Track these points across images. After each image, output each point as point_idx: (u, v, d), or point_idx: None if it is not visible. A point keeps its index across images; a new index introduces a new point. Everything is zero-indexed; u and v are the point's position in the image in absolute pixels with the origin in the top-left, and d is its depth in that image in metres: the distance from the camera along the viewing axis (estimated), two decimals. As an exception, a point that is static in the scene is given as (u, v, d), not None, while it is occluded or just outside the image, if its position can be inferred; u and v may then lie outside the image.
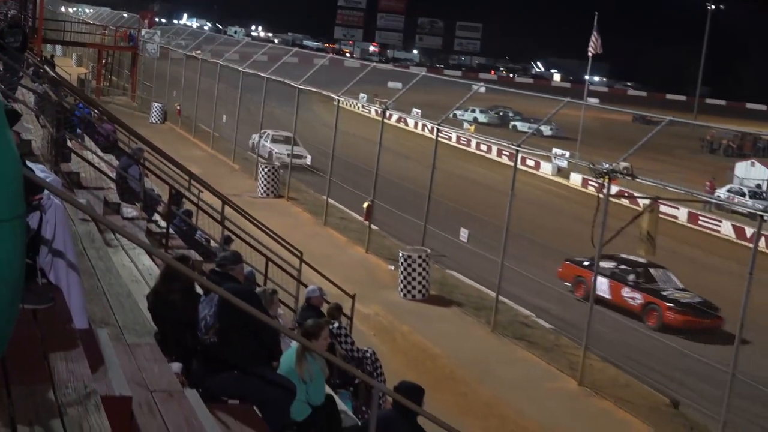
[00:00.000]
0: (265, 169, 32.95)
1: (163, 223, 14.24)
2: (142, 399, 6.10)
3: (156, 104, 49.27)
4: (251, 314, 5.78)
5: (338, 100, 30.45)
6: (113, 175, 15.09)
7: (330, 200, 29.51)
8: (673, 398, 17.29)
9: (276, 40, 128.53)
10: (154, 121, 47.87)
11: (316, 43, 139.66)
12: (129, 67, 60.08)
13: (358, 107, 56.53)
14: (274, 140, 39.53)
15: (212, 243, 16.00)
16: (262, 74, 36.72)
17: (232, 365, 7.81)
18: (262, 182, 32.71)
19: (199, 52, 50.83)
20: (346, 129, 30.95)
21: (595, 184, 20.65)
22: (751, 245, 15.40)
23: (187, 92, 47.98)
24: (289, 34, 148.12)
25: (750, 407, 16.28)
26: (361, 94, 61.91)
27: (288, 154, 34.80)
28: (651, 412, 16.44)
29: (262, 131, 38.96)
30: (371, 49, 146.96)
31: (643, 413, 16.31)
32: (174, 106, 48.96)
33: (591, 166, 18.67)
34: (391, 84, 65.12)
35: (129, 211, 13.78)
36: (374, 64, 37.77)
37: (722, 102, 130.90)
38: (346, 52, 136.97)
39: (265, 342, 8.02)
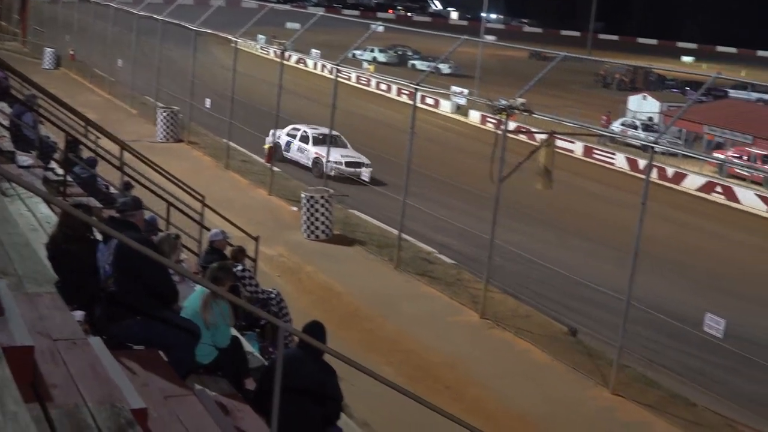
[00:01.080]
0: (164, 113, 32.31)
1: (60, 171, 13.97)
2: (45, 348, 6.03)
3: (48, 50, 47.79)
4: (145, 262, 5.74)
5: (236, 42, 30.03)
6: (6, 123, 14.71)
7: (231, 143, 29.22)
8: (571, 327, 17.75)
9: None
10: (47, 67, 46.50)
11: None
12: (18, 11, 58.09)
13: (257, 49, 55.86)
14: (316, 141, 30.31)
15: (112, 189, 15.75)
16: (157, 17, 35.87)
17: (135, 311, 7.76)
18: (162, 127, 32.11)
19: (91, -6, 49.46)
20: (246, 71, 30.54)
21: (494, 121, 20.85)
22: (643, 176, 15.74)
23: (81, 36, 46.70)
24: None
25: (643, 331, 16.80)
26: (260, 36, 61.22)
27: (347, 163, 29.01)
28: (550, 341, 16.86)
29: (293, 128, 31.01)
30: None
31: (543, 342, 16.72)
32: (67, 51, 47.66)
33: (489, 103, 18.80)
34: (289, 25, 64.51)
35: (24, 159, 13.50)
36: (272, 4, 36.71)
37: (615, 37, 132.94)
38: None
39: (161, 288, 7.99)
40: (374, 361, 13.34)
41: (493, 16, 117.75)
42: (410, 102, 22.09)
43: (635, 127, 44.30)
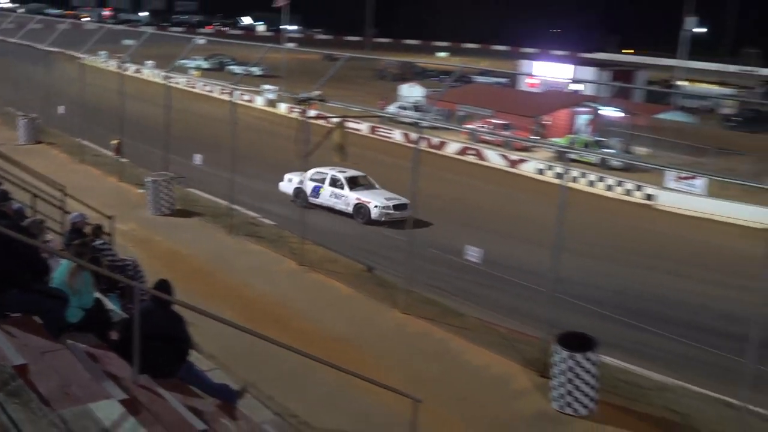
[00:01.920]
0: (24, 120, 30.41)
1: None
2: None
3: None
4: (18, 243, 5.48)
5: (81, 58, 28.63)
6: None
7: (84, 142, 27.95)
8: (368, 265, 18.08)
9: (20, 10, 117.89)
10: None
11: (56, 11, 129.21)
12: None
13: (100, 63, 53.40)
14: (352, 185, 24.55)
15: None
16: (10, 39, 33.65)
17: (12, 284, 7.40)
18: (22, 131, 30.21)
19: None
20: (93, 82, 29.14)
21: (298, 110, 20.79)
22: (415, 146, 16.11)
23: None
24: (31, 4, 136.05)
25: (424, 265, 17.32)
26: (101, 52, 58.42)
27: (395, 206, 23.53)
28: (353, 277, 17.11)
29: (317, 172, 24.48)
30: (105, 13, 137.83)
31: (347, 279, 16.96)
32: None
33: (293, 96, 18.76)
34: (125, 41, 61.81)
35: None
36: (109, 25, 35.01)
37: (387, 40, 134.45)
38: (84, 17, 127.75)
39: (33, 264, 7.67)
40: (216, 307, 13.15)
41: (293, 27, 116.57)
42: (230, 99, 21.70)
43: (407, 109, 45.13)
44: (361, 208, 23.77)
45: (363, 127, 42.98)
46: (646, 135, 41.37)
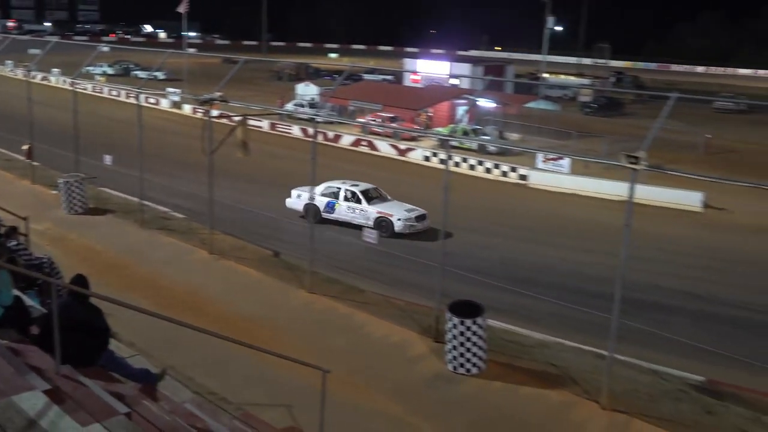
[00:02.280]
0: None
1: None
2: None
3: None
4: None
5: (-13, 67, 27.15)
6: None
7: (-5, 148, 26.57)
8: (274, 251, 17.85)
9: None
10: None
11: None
12: None
13: (7, 72, 50.81)
14: (369, 199, 22.72)
15: None
16: None
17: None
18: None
19: None
20: (1, 90, 27.64)
21: (201, 111, 20.28)
22: (311, 140, 15.96)
23: None
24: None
25: (327, 248, 17.24)
26: (7, 61, 55.53)
27: (416, 218, 22.06)
28: (260, 262, 16.85)
29: (327, 186, 23.00)
30: (9, 24, 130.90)
31: (255, 264, 16.68)
32: None
33: (196, 98, 18.26)
34: (31, 51, 58.89)
35: None
36: (13, 36, 33.16)
37: (282, 43, 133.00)
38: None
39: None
40: (133, 297, 12.74)
41: (192, 33, 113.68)
42: (137, 102, 20.96)
43: (303, 106, 44.76)
44: (383, 222, 21.87)
45: (264, 125, 42.39)
46: (517, 122, 42.46)
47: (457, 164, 33.26)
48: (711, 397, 11.27)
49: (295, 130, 41.53)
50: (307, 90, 51.21)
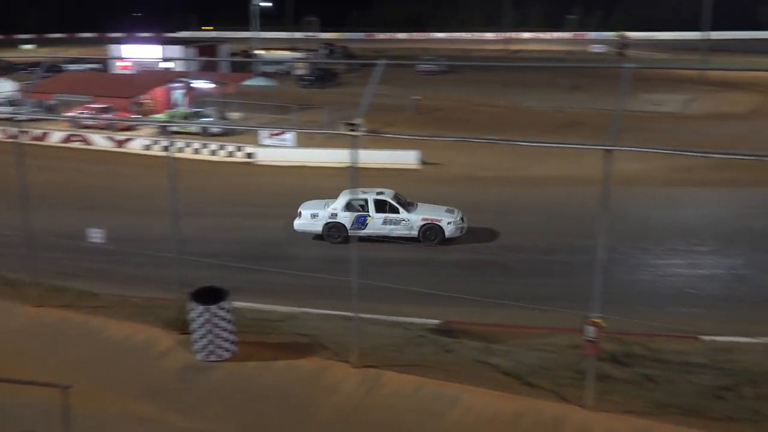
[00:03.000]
0: None
1: None
2: None
3: None
4: None
5: None
6: None
7: None
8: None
9: None
10: None
11: None
12: None
13: None
14: (404, 206, 21.09)
15: None
16: None
17: None
18: None
19: None
20: None
21: None
22: (14, 141, 14.52)
23: None
24: None
25: (49, 255, 15.88)
26: None
27: (462, 218, 20.91)
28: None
29: (352, 199, 20.82)
30: None
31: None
32: None
33: None
34: None
35: None
36: None
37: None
38: None
39: None
40: None
41: None
42: None
43: (1, 105, 40.65)
44: (431, 229, 20.29)
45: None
46: (237, 101, 42.22)
47: (180, 149, 32.33)
48: (447, 336, 12.25)
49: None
50: (4, 86, 46.52)
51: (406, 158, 30.16)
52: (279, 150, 32.74)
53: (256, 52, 69.39)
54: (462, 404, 9.72)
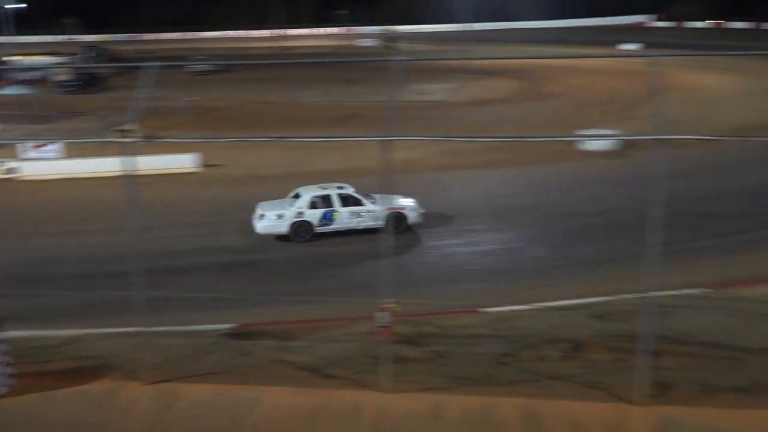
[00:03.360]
0: None
1: None
2: None
3: None
4: None
5: None
6: None
7: None
8: None
9: None
10: None
11: None
12: None
13: None
14: (366, 198, 20.78)
15: None
16: None
17: None
18: None
19: None
20: None
21: None
22: None
23: None
24: None
25: None
26: None
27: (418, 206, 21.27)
28: None
29: (314, 196, 20.53)
30: None
31: None
32: None
33: None
34: None
35: None
36: None
37: None
38: None
39: None
40: None
41: None
42: None
43: None
44: (396, 217, 19.45)
45: None
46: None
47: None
48: (243, 340, 12.09)
49: None
50: None
51: (183, 162, 29.28)
52: (46, 163, 30.40)
53: (11, 58, 63.96)
54: (262, 405, 9.63)
